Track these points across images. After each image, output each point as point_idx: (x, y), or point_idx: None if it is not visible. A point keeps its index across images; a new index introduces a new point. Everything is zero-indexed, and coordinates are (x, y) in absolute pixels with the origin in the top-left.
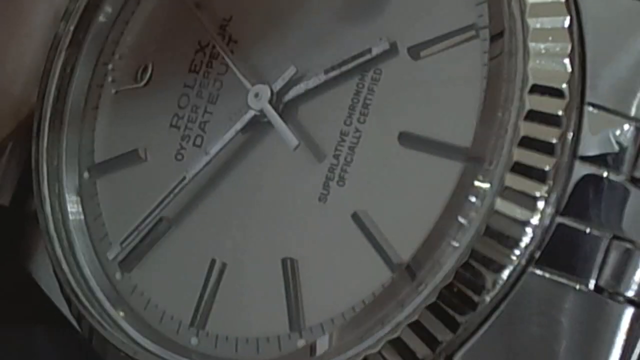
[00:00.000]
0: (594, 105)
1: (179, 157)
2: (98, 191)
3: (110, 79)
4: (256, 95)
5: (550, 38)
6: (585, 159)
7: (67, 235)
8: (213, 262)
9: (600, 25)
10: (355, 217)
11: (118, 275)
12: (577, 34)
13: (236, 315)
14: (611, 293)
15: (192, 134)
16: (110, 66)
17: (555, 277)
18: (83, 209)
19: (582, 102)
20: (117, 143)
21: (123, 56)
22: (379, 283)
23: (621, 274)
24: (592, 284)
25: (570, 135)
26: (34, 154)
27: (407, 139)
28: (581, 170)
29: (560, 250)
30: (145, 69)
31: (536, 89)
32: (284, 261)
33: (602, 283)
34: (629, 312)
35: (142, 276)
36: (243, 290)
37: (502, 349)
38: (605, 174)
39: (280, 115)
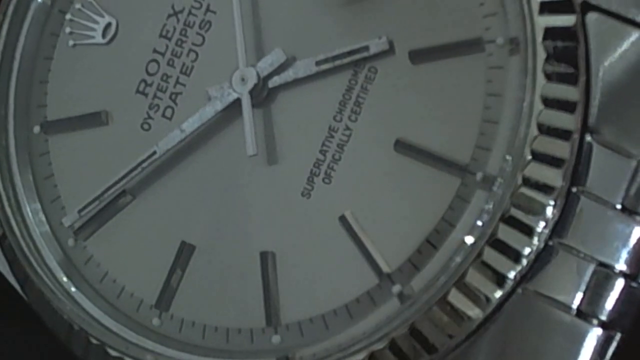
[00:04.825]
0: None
1: (146, 126)
2: (50, 150)
3: (68, 30)
4: (242, 79)
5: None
6: (587, 194)
7: (14, 193)
8: (183, 244)
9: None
10: (343, 220)
11: (71, 242)
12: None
13: (205, 302)
14: (589, 316)
15: (161, 104)
16: (68, 16)
17: (541, 299)
18: (31, 166)
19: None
20: (74, 102)
21: (85, 7)
22: (364, 289)
23: (598, 298)
24: (574, 308)
25: (572, 164)
26: None
27: (403, 146)
28: (586, 205)
29: (549, 274)
30: (109, 26)
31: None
32: (262, 254)
33: (582, 307)
34: (600, 333)
35: (98, 247)
36: (214, 277)
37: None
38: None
39: (254, 107)
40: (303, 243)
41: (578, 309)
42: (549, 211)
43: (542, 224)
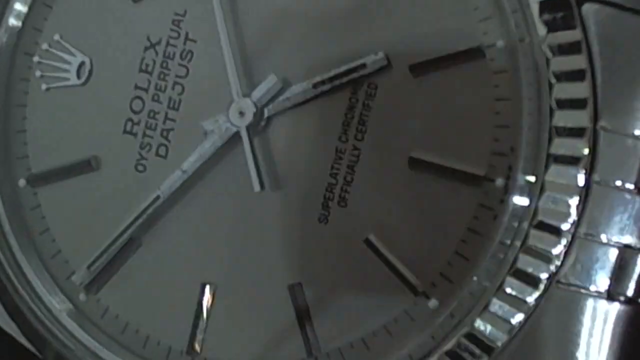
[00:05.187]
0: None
1: (140, 168)
2: (41, 203)
3: (38, 73)
4: (240, 112)
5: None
6: (603, 180)
7: (11, 253)
8: (204, 286)
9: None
10: (368, 242)
11: (82, 297)
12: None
13: (238, 341)
14: (617, 295)
15: (153, 142)
16: (36, 58)
17: (573, 289)
18: (24, 223)
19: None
20: (58, 149)
21: (52, 47)
22: (400, 308)
23: (625, 277)
24: (604, 291)
25: (590, 158)
26: None
27: (417, 162)
28: (604, 193)
29: (579, 264)
30: (82, 65)
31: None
32: (290, 287)
33: (611, 289)
34: (630, 309)
35: (113, 298)
36: (243, 315)
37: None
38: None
39: (254, 137)
40: (329, 269)
41: (608, 291)
42: (574, 209)
43: (568, 222)
